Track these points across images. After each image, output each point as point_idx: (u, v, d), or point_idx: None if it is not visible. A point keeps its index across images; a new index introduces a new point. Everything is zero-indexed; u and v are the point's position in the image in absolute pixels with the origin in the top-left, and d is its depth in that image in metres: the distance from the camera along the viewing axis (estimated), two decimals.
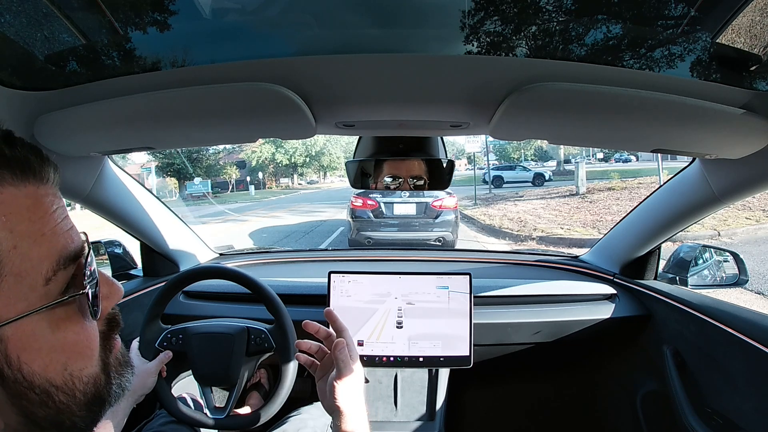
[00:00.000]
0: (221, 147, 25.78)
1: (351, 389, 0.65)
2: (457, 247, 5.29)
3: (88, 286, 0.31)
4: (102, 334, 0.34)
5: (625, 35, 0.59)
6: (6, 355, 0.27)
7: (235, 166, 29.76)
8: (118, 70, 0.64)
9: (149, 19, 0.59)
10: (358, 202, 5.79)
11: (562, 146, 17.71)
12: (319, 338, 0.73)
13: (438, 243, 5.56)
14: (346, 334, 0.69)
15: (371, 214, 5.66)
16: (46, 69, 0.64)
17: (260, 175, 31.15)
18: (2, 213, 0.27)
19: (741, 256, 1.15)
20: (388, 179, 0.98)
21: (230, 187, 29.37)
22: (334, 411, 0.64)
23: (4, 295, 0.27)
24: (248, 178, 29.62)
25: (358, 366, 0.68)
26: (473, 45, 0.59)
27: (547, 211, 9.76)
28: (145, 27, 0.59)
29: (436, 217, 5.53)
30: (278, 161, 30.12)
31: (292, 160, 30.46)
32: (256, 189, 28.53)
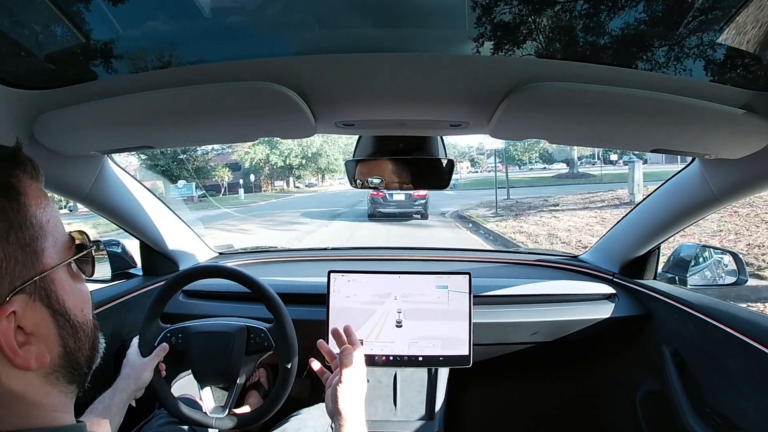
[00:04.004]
0: (210, 147, 24.09)
1: (352, 394, 0.67)
2: (456, 247, 5.37)
3: (91, 249, 0.44)
4: None
5: (625, 35, 0.59)
6: (55, 293, 0.37)
7: (227, 168, 27.95)
8: (118, 69, 0.64)
9: (149, 18, 0.59)
10: (374, 192, 9.69)
11: (575, 147, 16.60)
12: (327, 358, 0.79)
13: (417, 215, 10.72)
14: (357, 347, 0.74)
15: (381, 200, 10.68)
16: (46, 68, 0.64)
17: (251, 177, 29.76)
18: (34, 197, 0.37)
19: (740, 256, 1.15)
20: (388, 178, 0.98)
21: (223, 190, 27.81)
22: (334, 415, 0.66)
23: (48, 250, 0.37)
24: (241, 181, 28.26)
25: (362, 375, 0.71)
26: (473, 44, 0.59)
27: (606, 228, 5.62)
28: (145, 26, 0.59)
29: (415, 201, 10.44)
30: (273, 163, 29.00)
31: (287, 162, 29.31)
32: (248, 192, 27.21)
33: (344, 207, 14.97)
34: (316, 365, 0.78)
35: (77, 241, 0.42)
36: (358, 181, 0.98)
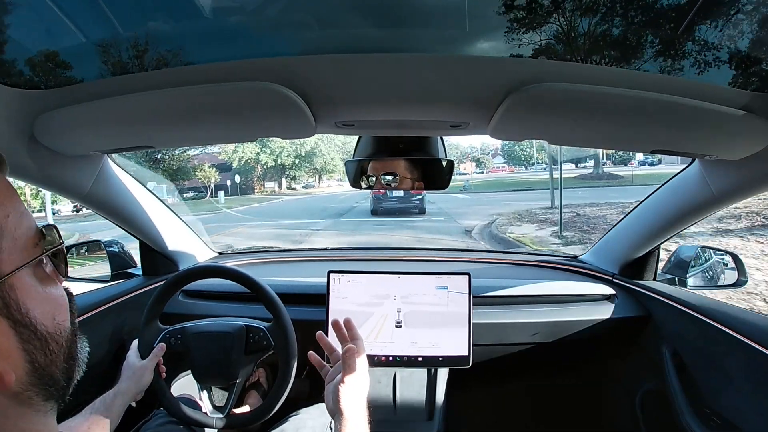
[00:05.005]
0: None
1: (354, 394, 0.66)
2: (456, 248, 5.39)
3: (61, 246, 0.40)
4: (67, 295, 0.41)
5: (626, 36, 0.59)
6: (16, 301, 0.32)
7: (214, 168, 25.15)
8: (118, 69, 0.64)
9: (149, 18, 0.59)
10: (376, 190, 10.56)
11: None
12: (326, 351, 0.77)
13: (415, 210, 12.38)
14: (360, 343, 0.71)
15: (381, 197, 12.21)
16: (46, 68, 0.64)
17: (237, 178, 27.18)
18: None
19: (740, 257, 1.15)
20: (387, 178, 0.98)
21: (209, 192, 24.88)
22: (336, 414, 0.65)
23: (6, 253, 0.33)
24: (229, 182, 26.11)
25: (364, 374, 0.69)
26: (473, 45, 0.59)
27: None
28: (145, 26, 0.59)
29: (413, 197, 11.99)
30: (263, 162, 27.06)
31: (279, 161, 27.31)
32: (236, 194, 24.65)
33: (327, 218, 12.46)
34: (315, 358, 0.76)
35: (45, 239, 0.38)
36: (358, 181, 0.98)
